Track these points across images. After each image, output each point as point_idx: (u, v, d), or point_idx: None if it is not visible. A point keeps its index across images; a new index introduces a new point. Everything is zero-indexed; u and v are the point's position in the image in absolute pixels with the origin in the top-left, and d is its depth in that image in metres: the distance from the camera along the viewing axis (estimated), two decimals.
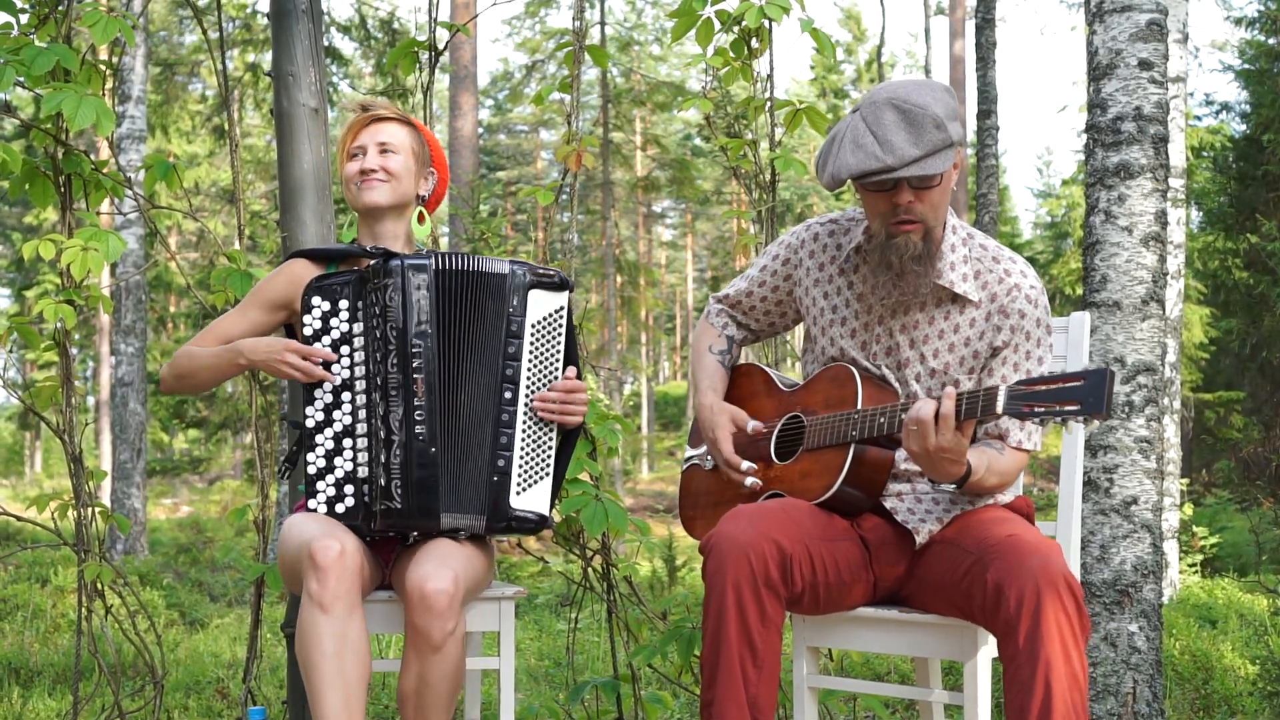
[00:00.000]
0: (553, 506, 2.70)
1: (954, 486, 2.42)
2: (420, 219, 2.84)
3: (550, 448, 2.68)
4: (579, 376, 2.74)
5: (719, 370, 2.79)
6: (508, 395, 2.62)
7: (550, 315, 2.67)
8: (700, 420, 2.73)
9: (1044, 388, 2.12)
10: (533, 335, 2.65)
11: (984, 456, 2.41)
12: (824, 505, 2.50)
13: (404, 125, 2.84)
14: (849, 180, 2.38)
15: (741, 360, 2.90)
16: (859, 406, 2.46)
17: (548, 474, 2.67)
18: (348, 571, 2.41)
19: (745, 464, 2.59)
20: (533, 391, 2.65)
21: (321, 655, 2.37)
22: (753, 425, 2.63)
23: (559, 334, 2.68)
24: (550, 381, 2.67)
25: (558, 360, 2.68)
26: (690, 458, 2.90)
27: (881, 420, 2.38)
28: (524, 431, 2.64)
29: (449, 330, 2.60)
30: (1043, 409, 2.11)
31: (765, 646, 2.37)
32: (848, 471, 2.45)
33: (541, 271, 2.66)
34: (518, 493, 2.62)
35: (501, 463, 2.62)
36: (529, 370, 2.64)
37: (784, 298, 2.75)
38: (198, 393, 2.96)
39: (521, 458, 2.63)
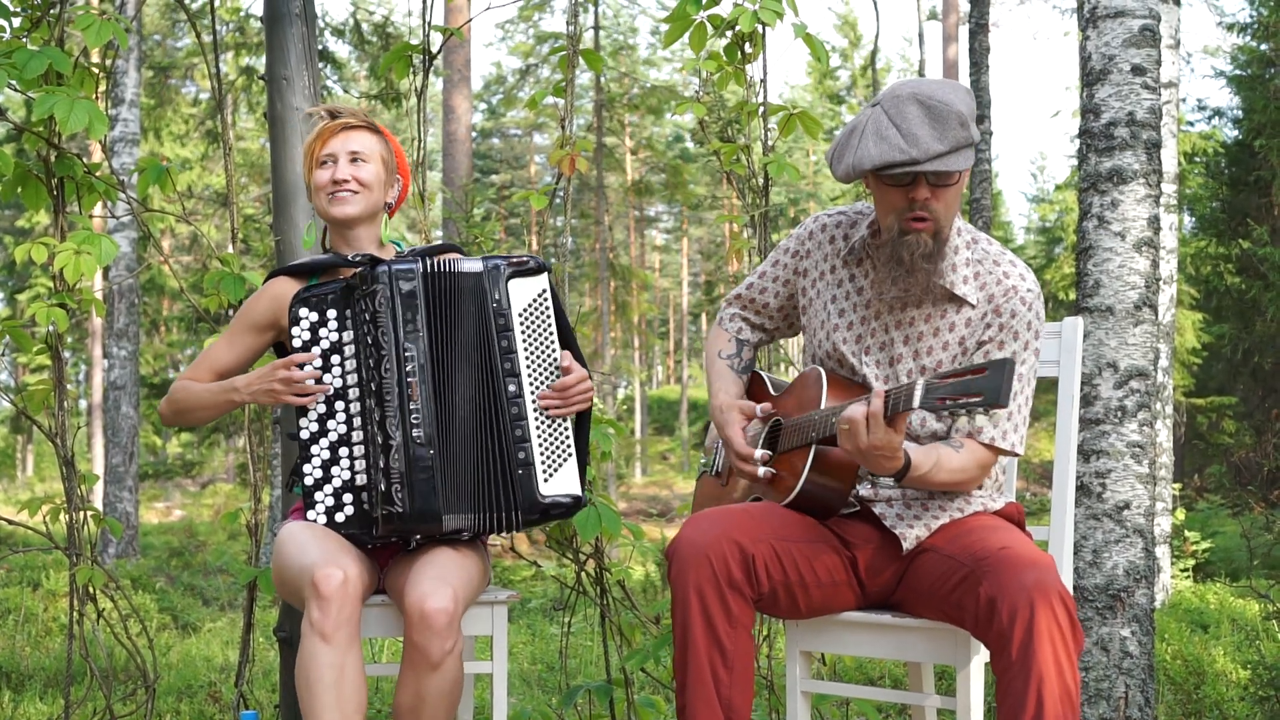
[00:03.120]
0: (584, 484, 2.69)
1: (894, 481, 2.42)
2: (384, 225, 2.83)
3: (567, 429, 2.66)
4: (576, 352, 2.72)
5: (729, 373, 2.78)
6: (512, 388, 2.61)
7: (534, 300, 2.65)
8: (714, 422, 2.72)
9: (953, 380, 2.14)
10: (522, 324, 2.63)
11: (933, 453, 2.40)
12: (795, 506, 2.50)
13: (373, 133, 2.81)
14: (868, 172, 2.37)
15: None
16: (822, 407, 2.47)
17: (570, 454, 2.66)
18: (350, 600, 2.41)
19: (759, 452, 2.55)
20: (535, 378, 2.63)
21: (321, 685, 2.37)
22: (761, 407, 2.61)
23: (548, 317, 2.66)
24: (550, 364, 2.65)
25: (553, 342, 2.66)
26: (702, 464, 2.92)
27: (833, 420, 2.38)
28: (536, 419, 2.62)
29: (439, 332, 2.60)
30: (951, 401, 2.12)
31: (735, 647, 2.37)
32: (809, 471, 2.45)
33: (516, 260, 2.65)
34: (545, 479, 2.61)
35: (522, 454, 2.60)
36: (527, 359, 2.63)
37: (795, 291, 2.74)
38: (197, 427, 2.98)
39: (541, 445, 2.62)
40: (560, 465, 2.64)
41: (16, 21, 3.31)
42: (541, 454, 2.62)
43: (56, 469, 3.43)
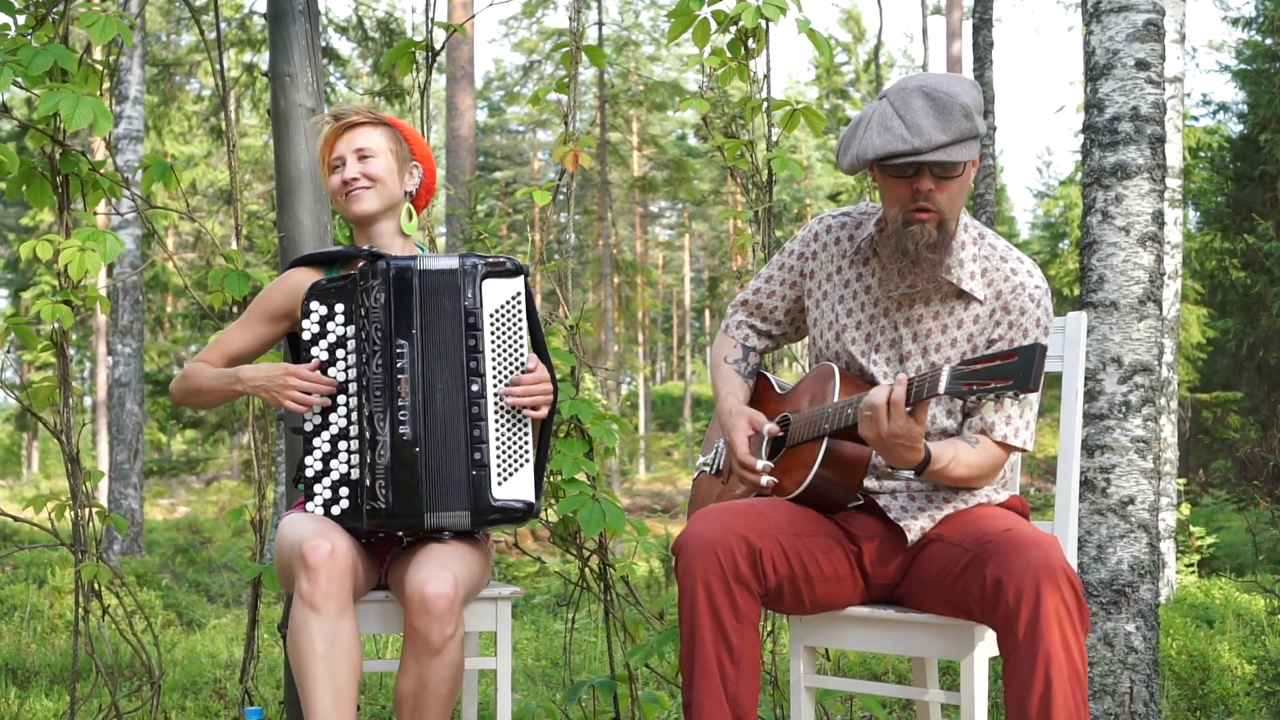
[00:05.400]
0: (539, 493, 2.69)
1: (913, 474, 2.42)
2: (409, 215, 2.83)
3: (526, 434, 2.66)
4: (546, 358, 2.72)
5: (735, 378, 2.77)
6: (474, 388, 2.61)
7: (507, 303, 2.65)
8: (721, 425, 2.72)
9: (981, 366, 2.14)
10: (492, 325, 2.63)
11: (951, 448, 2.41)
12: (802, 500, 2.50)
13: (377, 126, 2.82)
14: (872, 162, 2.38)
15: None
16: (834, 400, 2.46)
17: (527, 460, 2.65)
18: (338, 571, 2.42)
19: (761, 463, 2.55)
20: (499, 381, 2.63)
21: (313, 655, 2.38)
22: (768, 428, 2.60)
23: (519, 320, 2.66)
24: (517, 368, 2.65)
25: (521, 346, 2.67)
26: (700, 464, 2.91)
27: (849, 411, 2.38)
28: (497, 421, 2.62)
29: (427, 330, 2.60)
30: (979, 386, 2.12)
31: (741, 642, 2.38)
32: (820, 464, 2.45)
33: (493, 260, 2.65)
34: (499, 483, 2.61)
35: (478, 455, 2.60)
36: (493, 360, 2.63)
37: (801, 294, 2.73)
38: (205, 409, 3.00)
39: (498, 448, 2.62)
40: (516, 470, 2.64)
41: (21, 19, 3.32)
42: (498, 456, 2.62)
43: (61, 466, 3.44)
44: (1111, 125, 3.63)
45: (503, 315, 2.65)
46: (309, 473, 2.64)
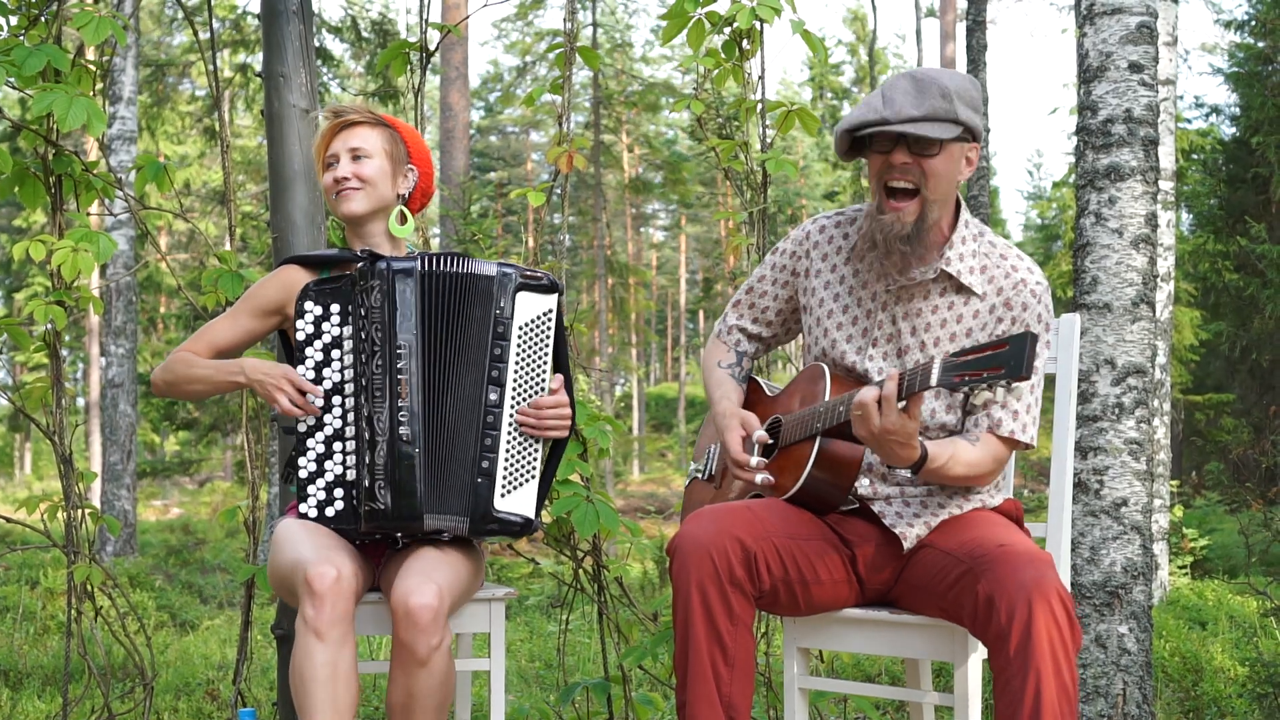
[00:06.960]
0: (540, 509, 2.69)
1: (910, 473, 2.42)
2: (401, 219, 2.81)
3: (536, 450, 2.67)
4: (568, 381, 2.73)
5: (729, 381, 2.78)
6: (493, 397, 2.61)
7: (538, 318, 2.66)
8: (716, 427, 2.73)
9: (973, 357, 2.14)
10: (520, 338, 2.63)
11: (950, 446, 2.40)
12: (796, 501, 2.50)
13: (375, 127, 2.80)
14: (844, 133, 2.43)
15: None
16: (825, 400, 2.46)
17: (534, 476, 2.66)
18: (343, 597, 2.41)
19: (754, 459, 2.55)
20: (519, 393, 2.64)
21: (315, 683, 2.38)
22: (757, 434, 2.59)
23: (547, 337, 2.67)
24: (538, 384, 2.66)
25: (545, 363, 2.67)
26: (692, 470, 2.91)
27: (841, 409, 2.38)
28: (509, 434, 2.63)
29: (435, 332, 2.60)
30: (971, 376, 2.12)
31: (736, 645, 2.38)
32: (813, 464, 2.45)
33: (530, 273, 2.65)
34: (502, 494, 2.62)
35: (486, 464, 2.61)
36: (515, 372, 2.63)
37: (794, 293, 2.74)
38: (189, 401, 2.97)
39: (507, 460, 2.62)
40: (521, 485, 2.64)
41: (14, 19, 3.31)
42: (505, 468, 2.62)
43: (54, 467, 3.43)
44: (1105, 127, 3.63)
45: (531, 330, 2.65)
46: (302, 474, 2.63)
